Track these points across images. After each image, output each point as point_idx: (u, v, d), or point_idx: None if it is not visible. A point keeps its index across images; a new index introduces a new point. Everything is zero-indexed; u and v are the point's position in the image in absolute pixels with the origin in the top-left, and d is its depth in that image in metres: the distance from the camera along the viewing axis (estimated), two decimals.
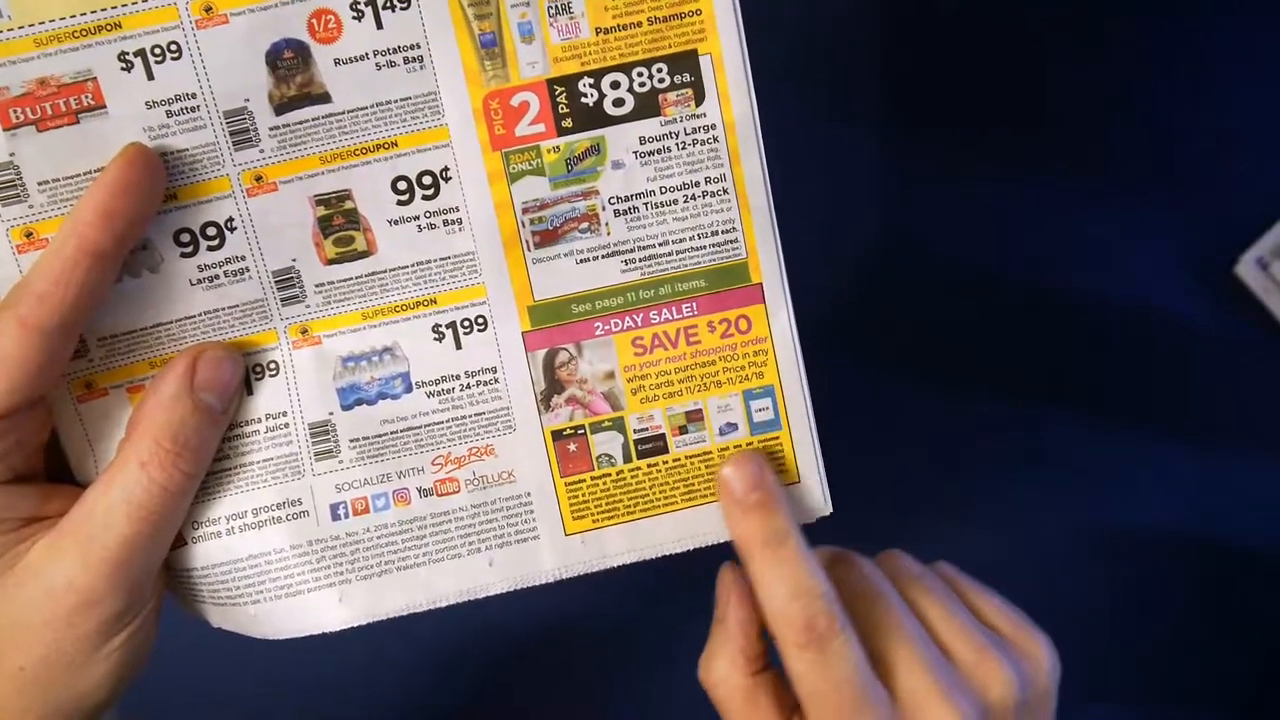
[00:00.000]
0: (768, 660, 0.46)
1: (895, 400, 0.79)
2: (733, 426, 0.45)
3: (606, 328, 0.44)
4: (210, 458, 0.43)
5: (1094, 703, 0.80)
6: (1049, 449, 0.80)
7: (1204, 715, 0.80)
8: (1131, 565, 0.80)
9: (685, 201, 0.44)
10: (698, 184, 0.44)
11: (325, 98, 0.42)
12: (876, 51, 0.79)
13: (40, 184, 0.41)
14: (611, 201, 0.44)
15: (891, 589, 0.47)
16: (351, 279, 0.44)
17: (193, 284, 0.43)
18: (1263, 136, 0.79)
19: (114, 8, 0.40)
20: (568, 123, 0.43)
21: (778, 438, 0.45)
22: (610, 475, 0.45)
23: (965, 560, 0.78)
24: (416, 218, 0.43)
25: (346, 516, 0.44)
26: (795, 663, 0.43)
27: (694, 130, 0.43)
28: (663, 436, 0.45)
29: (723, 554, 0.46)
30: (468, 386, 0.45)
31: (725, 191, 0.44)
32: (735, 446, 0.45)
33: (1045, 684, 0.47)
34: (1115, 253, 0.79)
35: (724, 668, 0.45)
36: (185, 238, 0.42)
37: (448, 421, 0.45)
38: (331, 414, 0.44)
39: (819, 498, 0.46)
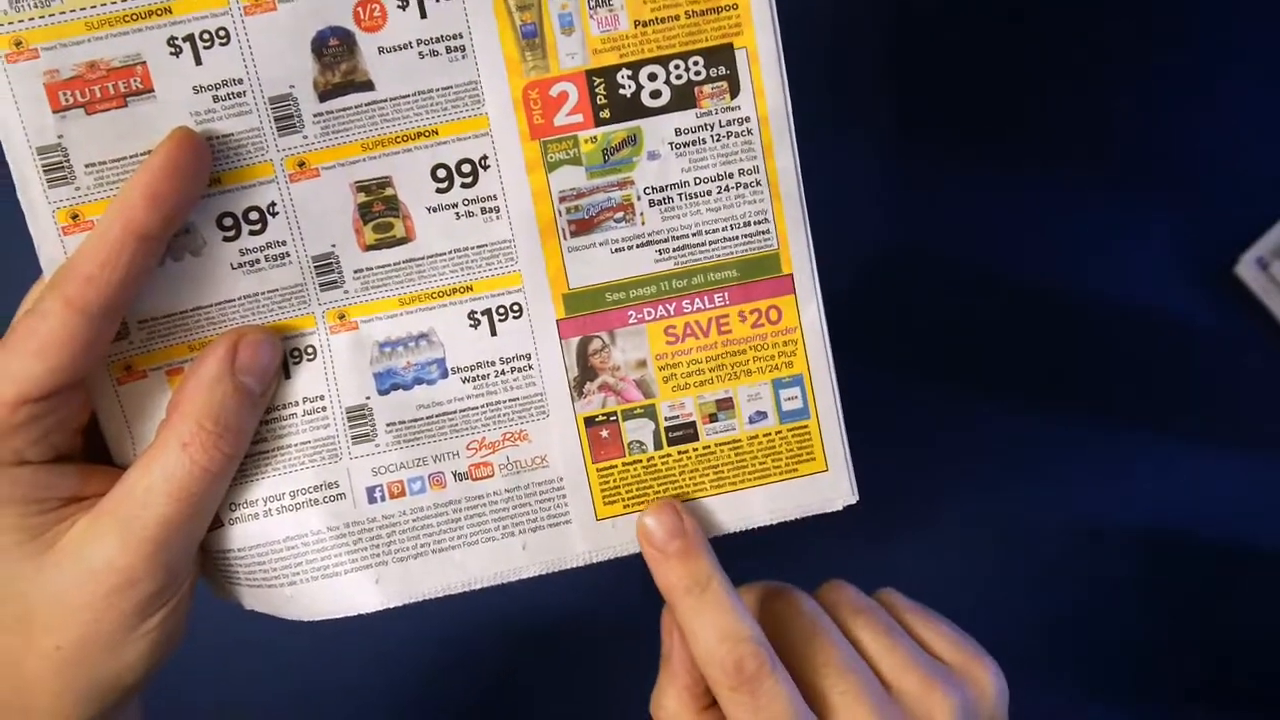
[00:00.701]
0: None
1: (895, 400, 0.80)
2: (762, 415, 0.47)
3: (639, 316, 0.46)
4: (249, 440, 0.44)
5: (1093, 703, 0.81)
6: (1049, 449, 0.81)
7: (1204, 715, 0.82)
8: (1131, 565, 0.81)
9: (719, 193, 0.46)
10: (731, 175, 0.46)
11: (369, 85, 0.43)
12: (878, 52, 0.80)
13: (87, 166, 0.42)
14: (647, 192, 0.45)
15: (830, 623, 0.48)
16: (390, 265, 0.45)
17: (234, 268, 0.44)
18: (1263, 136, 0.80)
19: None
20: (605, 113, 0.45)
21: (806, 426, 0.47)
22: (641, 462, 0.47)
23: (964, 559, 0.81)
24: (455, 205, 0.45)
25: (383, 499, 0.46)
26: (729, 705, 0.44)
27: (729, 123, 0.45)
28: (693, 424, 0.47)
29: (746, 542, 0.48)
30: (502, 372, 0.46)
31: (758, 183, 0.46)
32: (765, 435, 0.47)
33: (991, 711, 0.48)
34: (1115, 253, 0.81)
35: (672, 705, 0.48)
36: (228, 222, 0.44)
37: (482, 407, 0.46)
38: (368, 398, 0.46)
39: (846, 486, 0.48)
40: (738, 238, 0.46)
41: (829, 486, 0.48)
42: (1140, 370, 0.81)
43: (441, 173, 0.45)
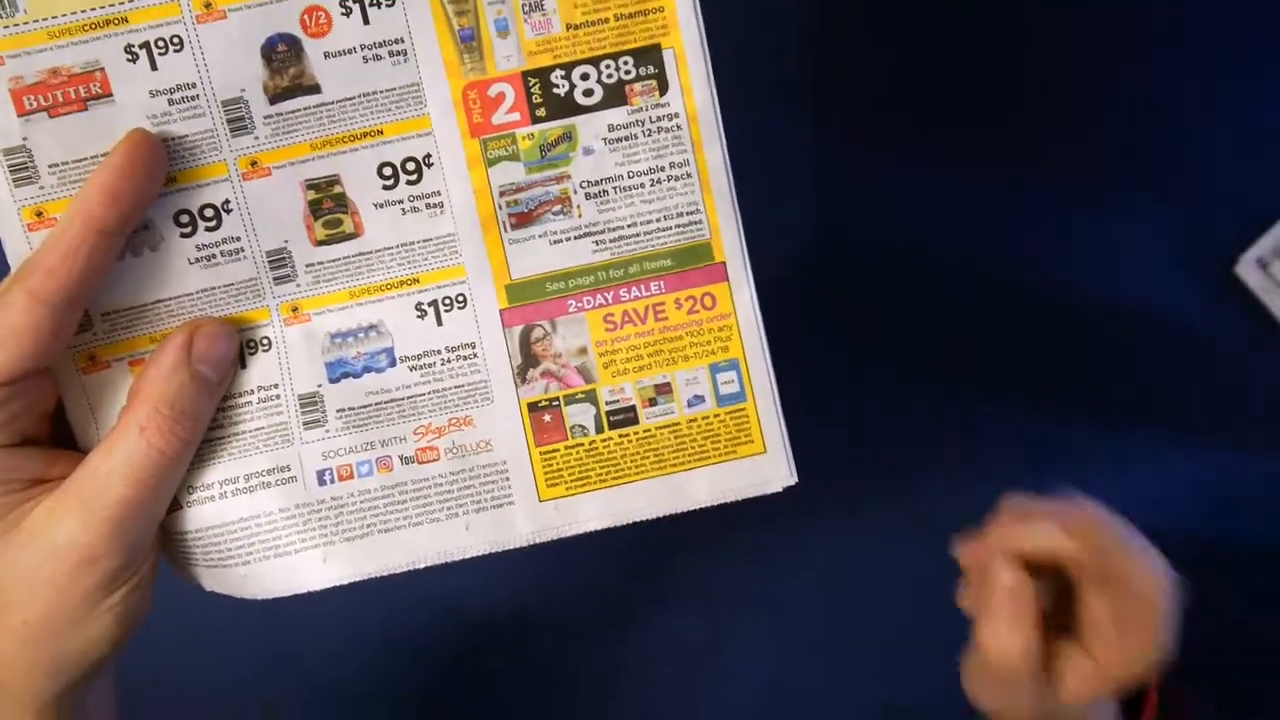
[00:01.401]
0: None
1: (895, 400, 0.80)
2: (700, 399, 0.49)
3: (579, 305, 0.48)
4: (205, 426, 0.47)
5: None
6: (1049, 449, 0.81)
7: (1204, 715, 0.82)
8: None
9: (651, 185, 0.48)
10: (663, 169, 0.48)
11: (316, 88, 0.46)
12: (880, 48, 0.81)
13: (51, 166, 0.45)
14: (583, 185, 0.48)
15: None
16: (340, 259, 0.48)
17: (191, 263, 0.47)
18: (1263, 136, 0.80)
19: (121, 3, 0.44)
20: (541, 112, 0.47)
21: (743, 409, 0.49)
22: (583, 445, 0.49)
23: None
24: (401, 201, 0.47)
25: (332, 482, 0.48)
26: None
27: (659, 119, 0.47)
28: (633, 408, 0.49)
29: (688, 524, 0.50)
30: (448, 361, 0.48)
31: (689, 176, 0.48)
32: (703, 418, 0.49)
33: None
34: (1115, 253, 0.80)
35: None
36: (184, 219, 0.46)
37: (429, 394, 0.49)
38: (320, 386, 0.48)
39: (784, 468, 0.49)
40: (671, 228, 0.48)
41: (768, 468, 0.49)
42: (1140, 370, 0.81)
43: (387, 171, 0.47)
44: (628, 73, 0.47)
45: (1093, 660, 0.54)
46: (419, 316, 0.48)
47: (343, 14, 0.45)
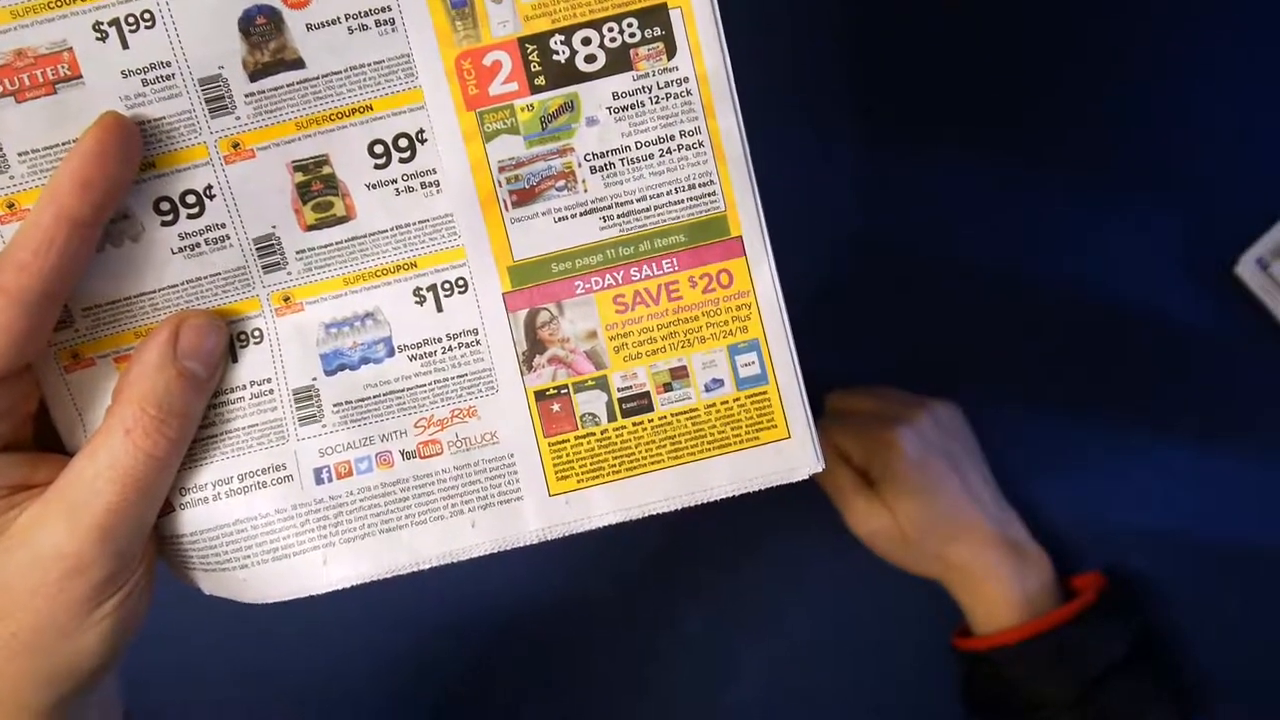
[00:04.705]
0: None
1: None
2: (719, 383, 0.42)
3: (587, 286, 0.41)
4: (195, 424, 0.40)
5: None
6: (1049, 449, 0.78)
7: (1204, 715, 0.76)
8: (1131, 565, 0.77)
9: (661, 156, 0.41)
10: (673, 138, 0.40)
11: (299, 63, 0.39)
12: (883, 46, 0.78)
13: (20, 155, 0.39)
14: (587, 158, 0.40)
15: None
16: (332, 244, 0.41)
17: (174, 252, 0.40)
18: (1263, 136, 0.77)
19: None
20: (540, 80, 0.40)
21: (765, 392, 0.42)
22: (595, 435, 0.42)
23: None
24: (394, 181, 0.41)
25: (330, 480, 0.41)
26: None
27: (667, 84, 0.40)
28: (647, 395, 0.42)
29: (709, 514, 0.44)
30: (449, 349, 0.42)
31: (701, 145, 0.41)
32: (722, 403, 0.42)
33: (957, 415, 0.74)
34: (1115, 252, 0.77)
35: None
36: (165, 206, 0.40)
37: (430, 384, 0.42)
38: (315, 379, 0.41)
39: (810, 453, 0.42)
40: (683, 201, 0.41)
41: (793, 454, 0.42)
42: (1140, 370, 0.77)
43: (379, 148, 0.40)
44: (632, 35, 0.40)
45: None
46: (417, 303, 0.42)
47: None
